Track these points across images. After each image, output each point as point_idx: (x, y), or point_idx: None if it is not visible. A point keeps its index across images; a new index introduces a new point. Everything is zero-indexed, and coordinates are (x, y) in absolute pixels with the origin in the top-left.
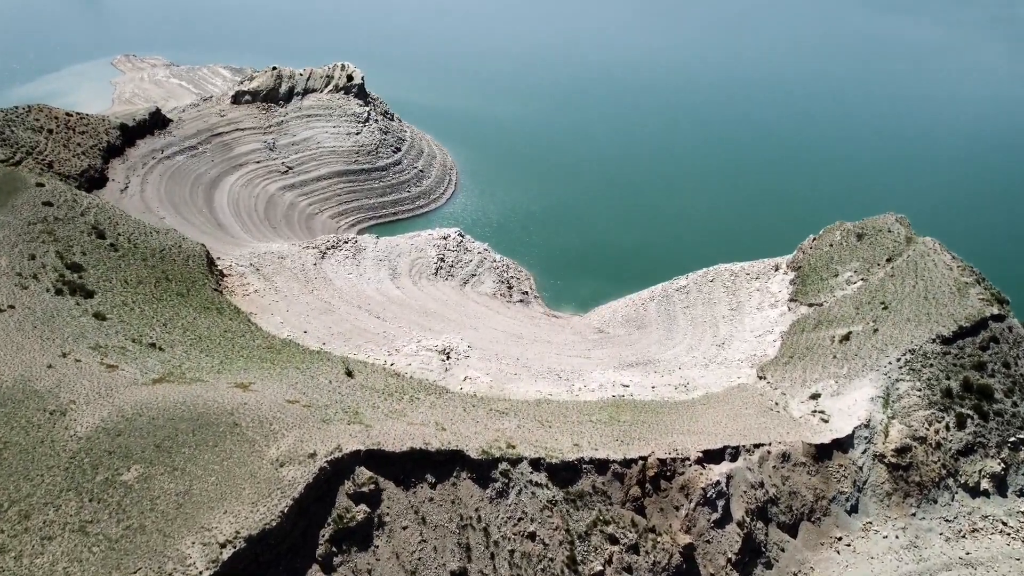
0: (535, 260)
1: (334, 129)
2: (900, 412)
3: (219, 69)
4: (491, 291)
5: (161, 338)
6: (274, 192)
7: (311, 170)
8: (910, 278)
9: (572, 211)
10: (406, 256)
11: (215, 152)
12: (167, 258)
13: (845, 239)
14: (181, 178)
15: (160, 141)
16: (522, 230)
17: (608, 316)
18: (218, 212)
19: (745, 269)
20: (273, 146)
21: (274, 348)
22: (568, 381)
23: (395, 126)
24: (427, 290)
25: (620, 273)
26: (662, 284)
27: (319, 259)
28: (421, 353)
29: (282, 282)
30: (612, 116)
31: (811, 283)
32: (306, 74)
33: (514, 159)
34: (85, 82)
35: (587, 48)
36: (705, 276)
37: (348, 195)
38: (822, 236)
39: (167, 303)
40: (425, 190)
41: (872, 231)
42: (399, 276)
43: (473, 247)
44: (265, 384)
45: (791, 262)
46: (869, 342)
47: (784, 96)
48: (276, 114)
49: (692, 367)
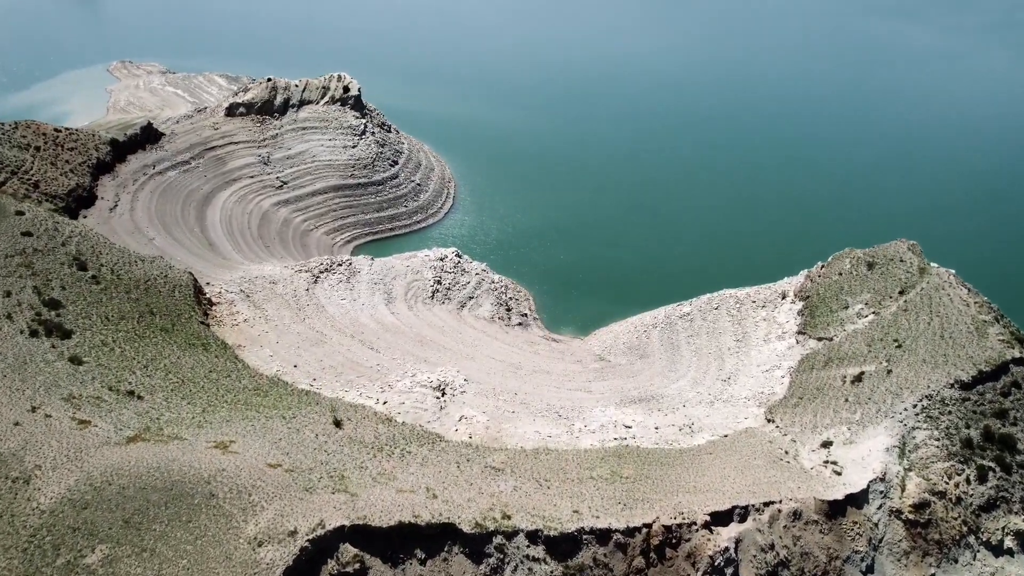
0: (534, 278)
1: (330, 142)
2: (917, 464)
3: (215, 77)
4: (489, 314)
5: (141, 383)
6: (268, 208)
7: (306, 185)
8: (924, 314)
9: (572, 226)
10: (402, 279)
11: (208, 167)
12: (152, 289)
13: (855, 268)
14: (173, 195)
15: (152, 156)
16: (521, 246)
17: (609, 342)
18: (210, 231)
19: (751, 296)
20: (267, 160)
21: (261, 390)
22: (568, 420)
23: (392, 138)
24: (423, 315)
25: (622, 294)
26: (665, 309)
27: (312, 283)
28: (415, 390)
29: (273, 310)
30: (615, 127)
31: (820, 315)
32: (301, 85)
33: (513, 171)
34: (80, 90)
35: (592, 57)
36: (709, 303)
37: (344, 210)
38: (831, 264)
39: (150, 340)
40: (422, 204)
41: (883, 260)
42: (394, 300)
43: (471, 268)
44: (247, 442)
45: (799, 291)
46: (883, 384)
47: (790, 110)
48: (271, 127)
49: (697, 405)
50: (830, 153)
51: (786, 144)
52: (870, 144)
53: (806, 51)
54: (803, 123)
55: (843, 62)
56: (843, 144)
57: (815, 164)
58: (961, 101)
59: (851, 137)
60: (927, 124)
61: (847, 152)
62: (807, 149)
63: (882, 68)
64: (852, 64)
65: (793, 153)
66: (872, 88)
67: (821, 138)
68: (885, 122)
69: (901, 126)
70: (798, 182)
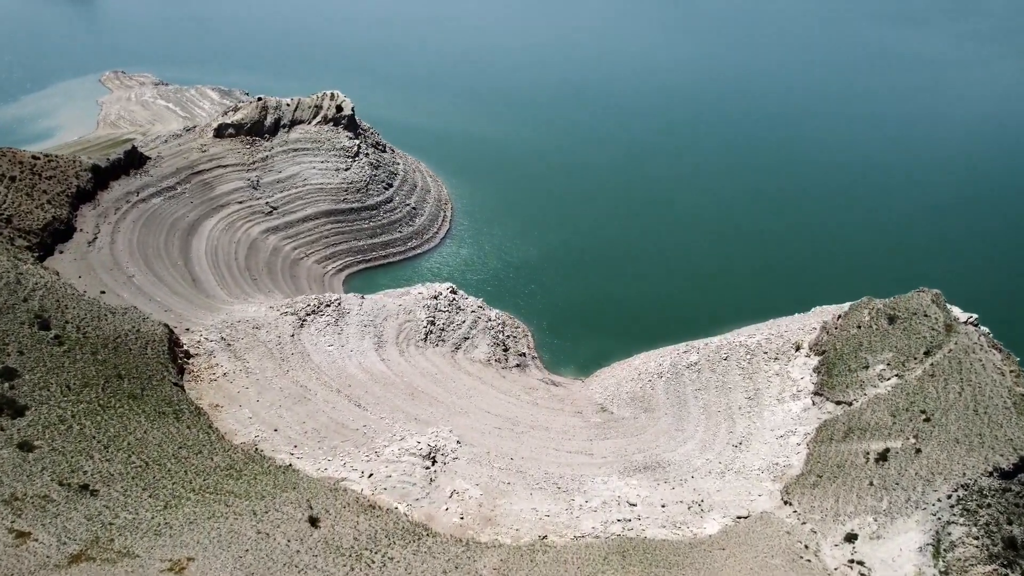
0: (533, 311)
1: (322, 164)
2: (954, 566)
3: (207, 91)
4: (485, 356)
5: (99, 471)
6: (257, 236)
7: (297, 210)
8: (954, 382)
9: (573, 256)
10: (393, 319)
11: (195, 192)
12: (122, 348)
13: (875, 321)
14: (157, 224)
15: (136, 182)
16: (519, 277)
17: (612, 389)
18: (194, 264)
19: (762, 346)
20: (257, 184)
21: (234, 469)
22: (567, 493)
23: (387, 158)
24: (415, 360)
25: (625, 329)
26: (671, 354)
27: (297, 328)
28: (404, 459)
29: (255, 361)
30: (620, 146)
31: (838, 374)
32: (293, 104)
33: (512, 191)
34: (71, 102)
35: (599, 71)
36: (718, 352)
37: (336, 237)
38: (848, 315)
39: (115, 411)
40: (418, 229)
41: (905, 313)
42: (385, 344)
43: (466, 305)
44: (207, 558)
45: (814, 344)
46: (911, 467)
47: (796, 132)
48: (261, 148)
49: (706, 476)
50: (839, 178)
51: (794, 169)
52: (881, 166)
53: (815, 65)
54: (811, 145)
55: (853, 75)
56: (852, 166)
57: (824, 191)
58: (976, 114)
59: (861, 158)
60: (941, 140)
61: (857, 176)
62: (815, 174)
63: (893, 79)
64: (865, 77)
65: (801, 179)
66: (885, 104)
67: (829, 162)
68: (897, 140)
69: (913, 144)
70: (807, 210)
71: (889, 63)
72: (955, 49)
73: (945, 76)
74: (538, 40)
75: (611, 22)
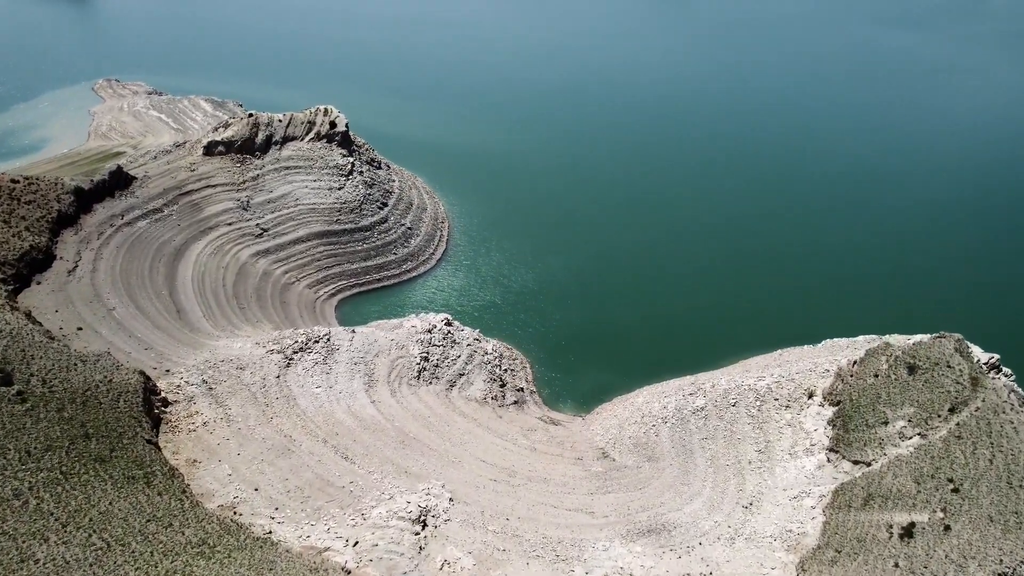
0: (532, 339)
1: (315, 183)
2: None
3: (200, 102)
4: (481, 394)
5: (53, 557)
6: (246, 260)
7: (288, 231)
8: (984, 447)
9: (574, 281)
10: (385, 356)
11: (182, 214)
12: (91, 402)
13: (893, 370)
14: (141, 249)
15: (120, 204)
16: (518, 303)
17: (614, 432)
18: (180, 292)
19: (772, 391)
20: (247, 205)
21: (207, 545)
22: (567, 563)
23: (382, 175)
24: (407, 401)
25: (627, 361)
26: (675, 392)
27: (284, 368)
28: (392, 523)
29: (237, 407)
30: (624, 165)
31: (855, 429)
32: (285, 120)
33: (511, 210)
34: (63, 111)
35: (605, 85)
36: (726, 397)
37: (328, 259)
38: (865, 362)
39: (78, 480)
40: (413, 251)
41: (926, 362)
42: (376, 384)
43: (462, 337)
44: None
45: (828, 392)
46: (940, 547)
47: (803, 148)
48: (252, 167)
49: (715, 541)
50: (847, 197)
51: (800, 188)
52: (891, 182)
53: (819, 77)
54: (817, 163)
55: (862, 84)
56: (862, 183)
57: (833, 211)
58: (988, 124)
59: (870, 175)
60: (951, 154)
61: (867, 195)
62: (823, 194)
63: (903, 87)
64: (879, 87)
65: (808, 199)
66: (897, 114)
67: (838, 180)
68: (908, 154)
69: (925, 158)
70: (814, 232)
71: (899, 71)
72: (964, 56)
73: (958, 84)
74: (544, 47)
75: (612, 26)
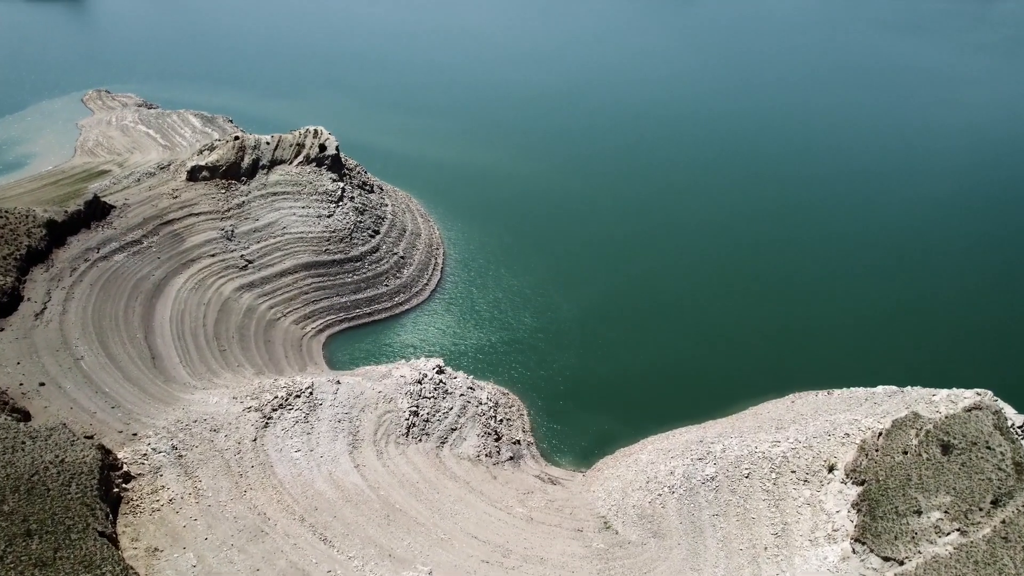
0: (529, 382)
1: (303, 211)
2: None
3: (189, 116)
4: (475, 451)
5: None
6: (229, 295)
7: (274, 263)
8: None
9: (575, 319)
10: (371, 411)
11: (163, 246)
12: (38, 489)
13: (924, 448)
14: (117, 286)
15: (97, 236)
16: (514, 342)
17: (617, 498)
18: (156, 334)
19: (789, 460)
20: (232, 234)
21: None
22: None
23: (374, 200)
24: (395, 464)
25: (630, 407)
26: (683, 452)
27: (261, 428)
28: None
29: (208, 478)
30: (633, 186)
31: (883, 516)
32: (273, 143)
33: (510, 236)
34: (51, 124)
35: (613, 101)
36: (738, 466)
37: (316, 292)
38: (891, 436)
39: None
40: (406, 282)
41: (963, 441)
42: (361, 444)
43: (455, 386)
44: None
45: (851, 468)
46: None
47: (816, 169)
48: (237, 193)
49: None
50: (864, 225)
51: (813, 215)
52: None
53: (839, 101)
54: (832, 187)
55: (878, 94)
56: (881, 209)
57: (847, 241)
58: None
59: (888, 200)
60: (966, 174)
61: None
62: (838, 221)
63: (922, 101)
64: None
65: (821, 228)
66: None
67: (855, 205)
68: (927, 175)
69: (944, 181)
70: (822, 264)
71: (915, 81)
72: (974, 65)
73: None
74: (555, 57)
75: (614, 32)
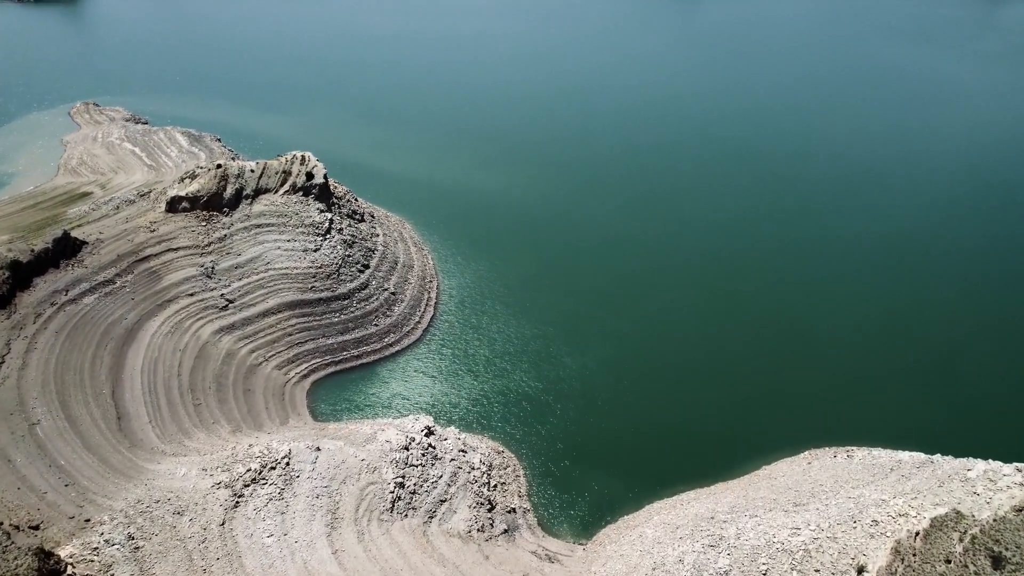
0: (525, 439)
1: (288, 244)
2: None
3: (176, 134)
4: (466, 526)
5: None
6: (208, 338)
7: (257, 302)
8: None
9: (576, 375)
10: (353, 483)
11: (137, 285)
12: None
13: (970, 558)
14: (86, 333)
15: (66, 277)
16: (510, 393)
17: None
18: (126, 389)
19: (811, 555)
20: (212, 271)
21: None
22: None
23: (364, 230)
24: (377, 547)
25: (632, 466)
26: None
27: (231, 508)
28: None
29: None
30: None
31: None
32: (258, 171)
33: (510, 272)
34: (35, 140)
35: (618, 117)
36: (754, 559)
37: (301, 334)
38: (931, 538)
39: None
40: (396, 321)
41: (1015, 553)
42: (340, 524)
43: (445, 450)
44: None
45: (885, 574)
46: None
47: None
48: (219, 226)
49: None
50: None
51: (831, 250)
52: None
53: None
54: (850, 219)
55: (903, 112)
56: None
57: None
58: None
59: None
60: None
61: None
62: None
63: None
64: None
65: (840, 263)
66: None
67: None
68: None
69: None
70: (837, 306)
71: (919, 85)
72: (978, 71)
73: None
74: (560, 66)
75: (615, 36)
